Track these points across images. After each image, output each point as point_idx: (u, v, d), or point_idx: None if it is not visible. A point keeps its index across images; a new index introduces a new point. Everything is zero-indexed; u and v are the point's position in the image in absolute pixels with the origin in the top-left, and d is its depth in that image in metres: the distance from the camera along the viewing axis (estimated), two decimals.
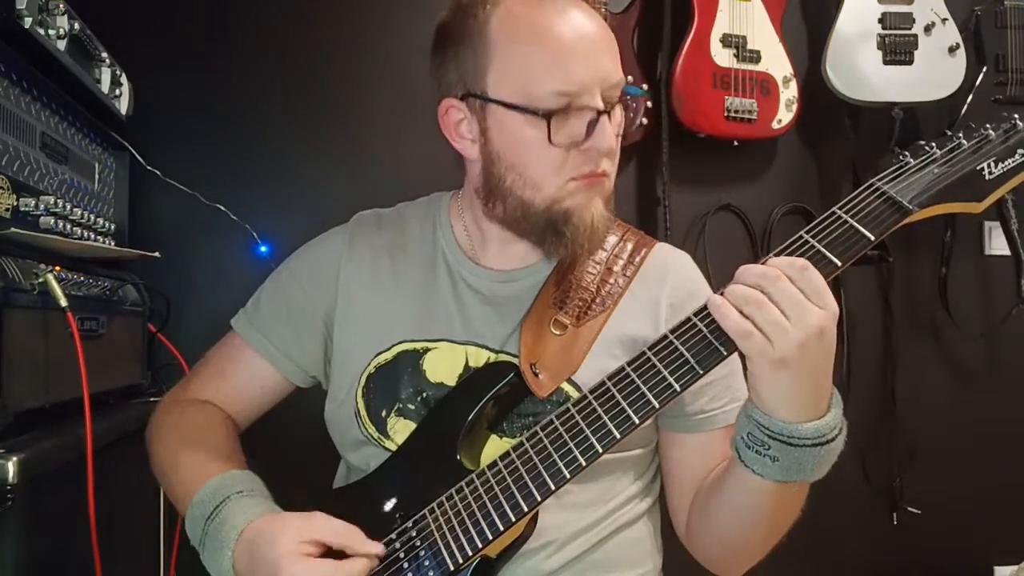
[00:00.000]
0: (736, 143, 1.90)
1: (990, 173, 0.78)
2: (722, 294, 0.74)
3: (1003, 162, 0.78)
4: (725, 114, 1.83)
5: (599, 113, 0.85)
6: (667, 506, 0.99)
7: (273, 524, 0.81)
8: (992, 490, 2.04)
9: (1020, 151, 0.78)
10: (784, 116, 1.87)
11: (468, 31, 0.89)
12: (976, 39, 1.93)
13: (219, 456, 0.94)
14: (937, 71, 1.88)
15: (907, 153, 0.80)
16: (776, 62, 1.87)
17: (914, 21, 1.88)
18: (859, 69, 1.87)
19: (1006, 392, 2.10)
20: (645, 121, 1.83)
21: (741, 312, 0.72)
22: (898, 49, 1.87)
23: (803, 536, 0.89)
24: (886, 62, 1.87)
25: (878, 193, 0.78)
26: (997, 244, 2.08)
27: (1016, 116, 0.80)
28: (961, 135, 0.80)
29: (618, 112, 0.90)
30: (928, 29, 1.87)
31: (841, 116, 1.98)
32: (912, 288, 2.08)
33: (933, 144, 0.80)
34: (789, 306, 0.70)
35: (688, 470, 0.96)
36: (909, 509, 2.01)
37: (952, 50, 1.88)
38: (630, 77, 1.80)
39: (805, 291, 0.71)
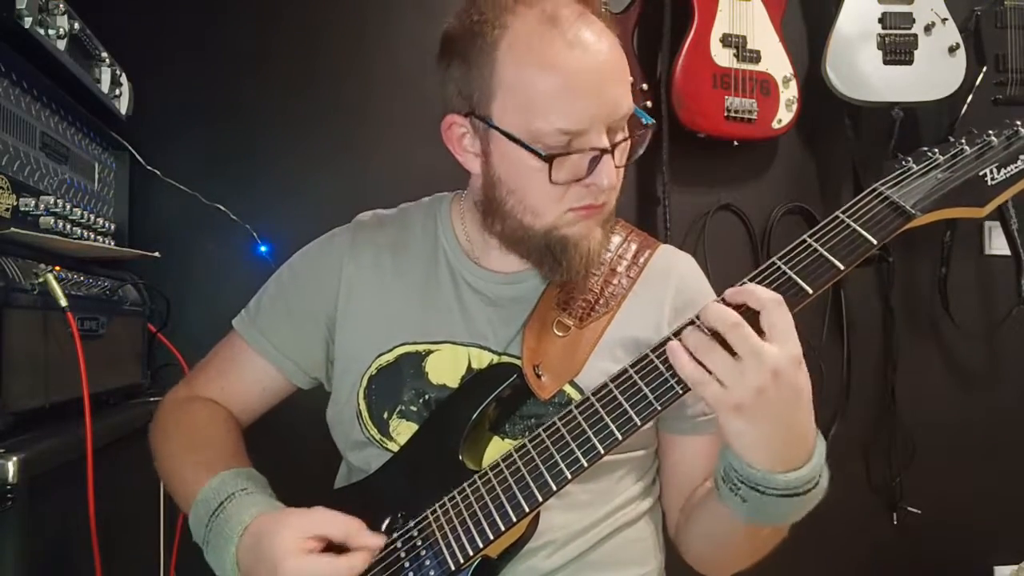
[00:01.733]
0: (736, 143, 1.90)
1: (992, 179, 0.78)
2: (679, 333, 0.76)
3: (1005, 168, 0.78)
4: (725, 114, 1.83)
5: (603, 151, 0.84)
6: (662, 504, 1.01)
7: (275, 521, 0.81)
8: (992, 490, 2.05)
9: (1022, 157, 0.78)
10: (784, 116, 1.87)
11: (475, 51, 0.86)
12: (976, 39, 1.93)
13: (223, 454, 0.94)
14: (937, 71, 1.88)
15: (910, 158, 0.80)
16: (776, 62, 1.87)
17: (914, 21, 1.88)
18: (859, 69, 1.87)
19: (1006, 392, 2.10)
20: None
21: (695, 357, 0.73)
22: (898, 49, 1.87)
23: (803, 536, 0.89)
24: (886, 62, 1.87)
25: (881, 198, 0.78)
26: (997, 244, 2.08)
27: (1019, 123, 0.80)
28: (964, 141, 0.80)
29: (625, 141, 0.88)
30: (928, 29, 1.87)
31: (841, 116, 1.98)
32: (912, 288, 2.09)
33: (936, 150, 0.80)
34: (745, 350, 0.70)
35: (684, 472, 0.96)
36: (909, 509, 2.01)
37: (952, 50, 1.88)
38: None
39: (768, 331, 0.71)
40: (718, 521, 0.85)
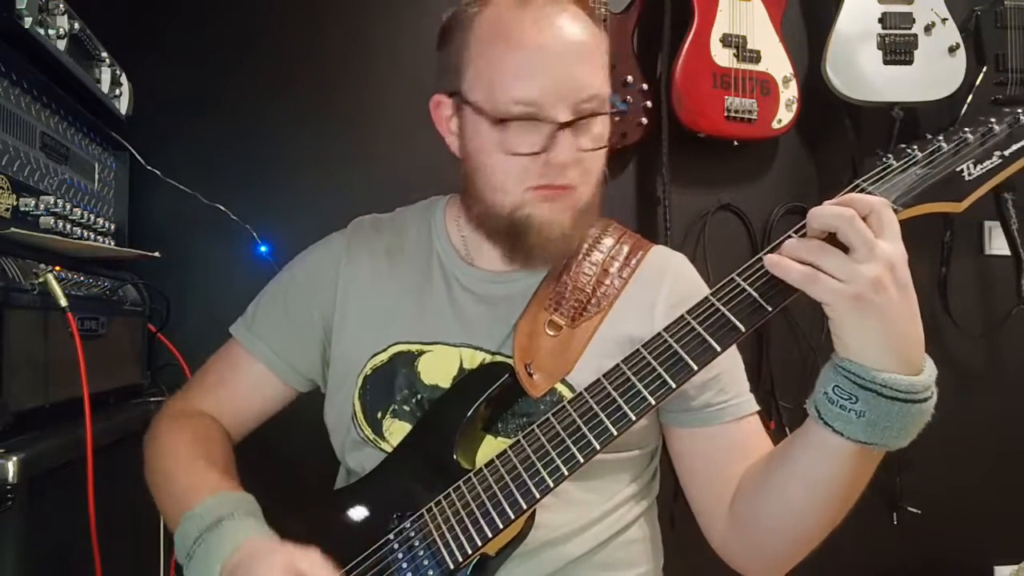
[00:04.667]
0: (736, 143, 1.90)
1: (969, 174, 0.80)
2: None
3: (981, 164, 0.80)
4: (725, 114, 1.83)
5: (560, 126, 0.85)
6: (692, 511, 0.96)
7: (264, 548, 0.80)
8: (992, 490, 2.04)
9: (997, 153, 0.80)
10: (784, 116, 1.87)
11: (457, 31, 0.91)
12: (976, 39, 1.93)
13: (219, 474, 0.94)
14: (937, 71, 1.88)
15: (890, 155, 0.82)
16: (776, 62, 1.87)
17: (914, 21, 1.88)
18: (859, 69, 1.87)
19: (1006, 392, 2.10)
20: (645, 121, 1.83)
21: (802, 262, 0.71)
22: (898, 49, 1.87)
23: None
24: (886, 62, 1.87)
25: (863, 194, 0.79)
26: (997, 244, 2.08)
27: (992, 120, 0.82)
28: (941, 138, 0.82)
29: (598, 124, 0.89)
30: (928, 29, 1.87)
31: (841, 116, 1.98)
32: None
33: (915, 147, 0.82)
34: (860, 241, 0.69)
35: (705, 465, 0.94)
36: (909, 509, 2.01)
37: (952, 50, 1.88)
38: (629, 77, 1.80)
39: (879, 230, 0.71)
40: (814, 466, 0.78)
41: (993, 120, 0.82)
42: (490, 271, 0.99)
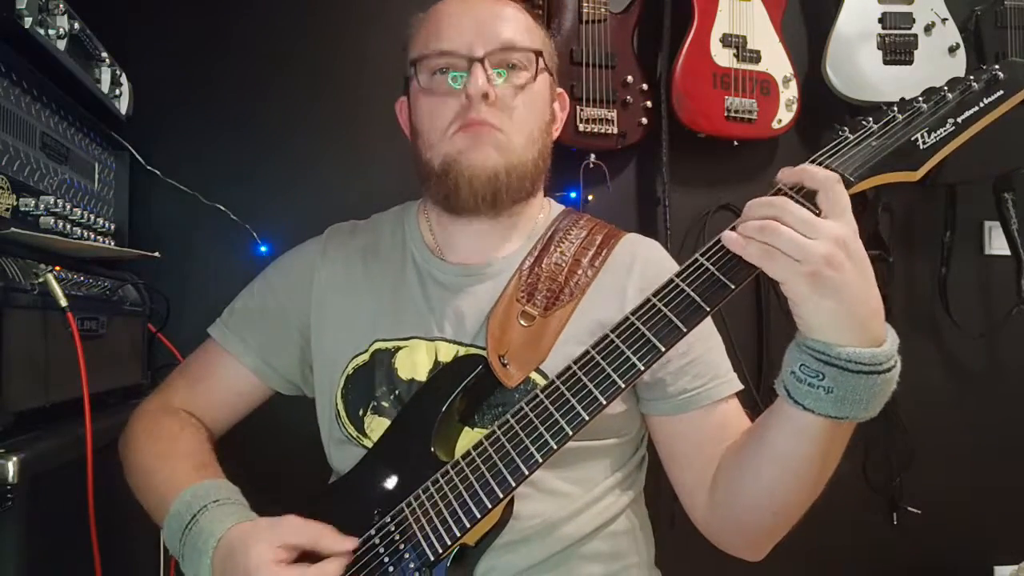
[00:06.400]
0: (736, 143, 1.90)
1: (924, 143, 0.81)
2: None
3: (935, 132, 0.81)
4: (725, 114, 1.83)
5: (470, 62, 0.92)
6: (677, 495, 0.97)
7: (247, 533, 0.81)
8: (992, 490, 2.04)
9: (950, 120, 0.81)
10: (784, 116, 1.87)
11: (410, 35, 1.01)
12: (976, 39, 1.93)
13: (194, 465, 0.94)
14: (937, 71, 1.87)
15: (846, 128, 0.83)
16: (776, 62, 1.87)
17: (914, 21, 1.88)
18: (859, 69, 1.87)
19: (1006, 392, 2.10)
20: (645, 121, 1.83)
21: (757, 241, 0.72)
22: (898, 49, 1.87)
23: (803, 536, 0.89)
24: (886, 62, 1.87)
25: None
26: (997, 244, 2.08)
27: (945, 87, 0.83)
28: (895, 109, 0.83)
29: (523, 76, 0.96)
30: (928, 29, 1.87)
31: (841, 116, 1.97)
32: (912, 288, 2.08)
33: (870, 119, 0.83)
34: (801, 225, 0.70)
35: (685, 449, 0.95)
36: (909, 509, 2.01)
37: (952, 50, 1.88)
38: (629, 77, 1.80)
39: (828, 208, 0.72)
40: (788, 444, 0.79)
41: (945, 88, 0.83)
42: (462, 265, 1.00)
